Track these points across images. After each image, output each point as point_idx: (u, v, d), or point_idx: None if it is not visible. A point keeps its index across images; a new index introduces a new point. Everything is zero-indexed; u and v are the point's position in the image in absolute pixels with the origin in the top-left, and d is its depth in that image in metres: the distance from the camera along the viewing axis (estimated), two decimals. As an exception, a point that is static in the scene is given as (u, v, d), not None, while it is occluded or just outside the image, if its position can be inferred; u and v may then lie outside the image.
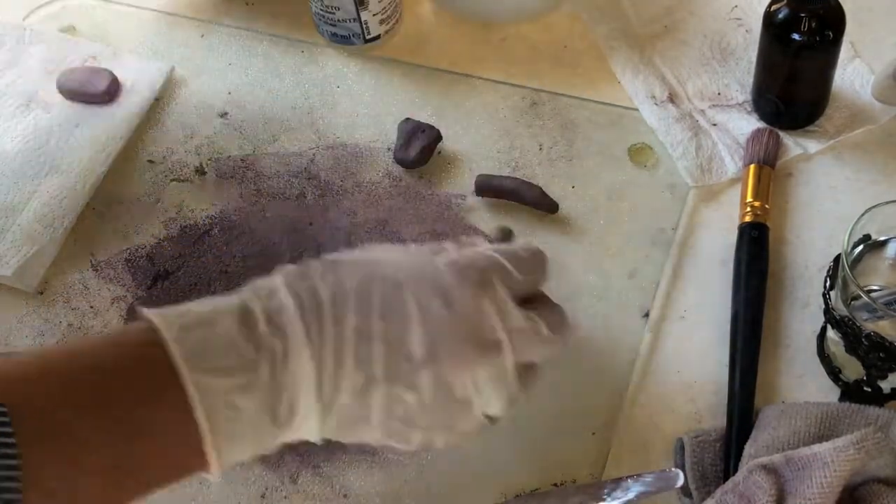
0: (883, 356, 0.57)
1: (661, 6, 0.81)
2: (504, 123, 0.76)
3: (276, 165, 0.75)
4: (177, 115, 0.79)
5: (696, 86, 0.76)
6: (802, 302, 0.65)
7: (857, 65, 0.75)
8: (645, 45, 0.78)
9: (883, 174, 0.70)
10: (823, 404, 0.59)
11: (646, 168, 0.72)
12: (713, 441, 0.59)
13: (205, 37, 0.83)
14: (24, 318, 0.70)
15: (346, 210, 0.72)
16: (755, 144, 0.70)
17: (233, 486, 0.62)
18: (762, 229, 0.67)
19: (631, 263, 0.68)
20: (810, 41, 0.66)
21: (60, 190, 0.74)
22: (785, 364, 0.63)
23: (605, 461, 0.61)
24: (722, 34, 0.78)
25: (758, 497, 0.53)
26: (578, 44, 0.80)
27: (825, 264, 0.61)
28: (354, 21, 0.78)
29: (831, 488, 0.52)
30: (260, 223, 0.72)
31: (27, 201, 0.74)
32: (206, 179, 0.75)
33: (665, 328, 0.65)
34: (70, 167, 0.75)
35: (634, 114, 0.75)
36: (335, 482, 0.62)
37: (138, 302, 0.69)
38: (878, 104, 0.72)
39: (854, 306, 0.58)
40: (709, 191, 0.71)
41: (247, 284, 0.51)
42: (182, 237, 0.73)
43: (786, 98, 0.71)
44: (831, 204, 0.69)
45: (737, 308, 0.64)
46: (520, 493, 0.60)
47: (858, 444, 0.52)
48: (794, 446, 0.56)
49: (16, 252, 0.71)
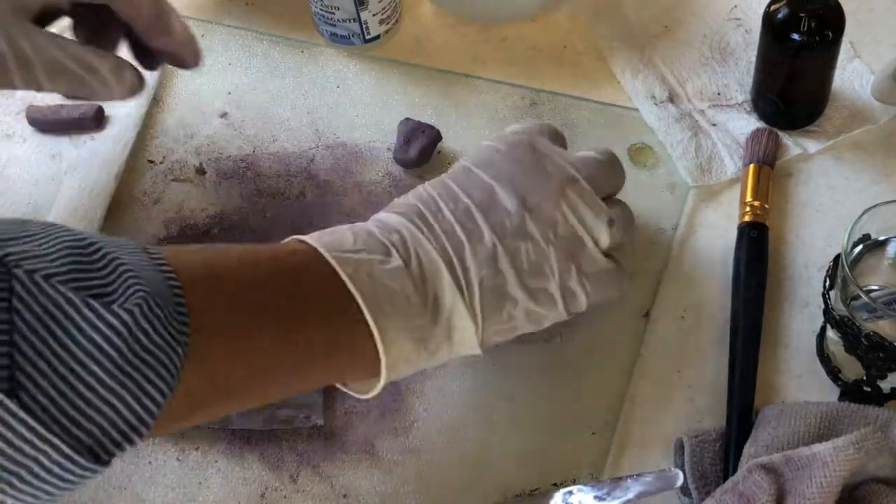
0: (882, 356, 0.57)
1: (661, 6, 0.81)
2: (504, 123, 0.76)
3: (276, 165, 0.75)
4: (177, 115, 0.79)
5: (696, 86, 0.76)
6: (802, 302, 0.65)
7: (857, 65, 0.75)
8: (645, 45, 0.78)
9: (883, 174, 0.70)
10: (823, 404, 0.59)
11: (646, 168, 0.72)
12: (713, 441, 0.60)
13: (205, 37, 0.83)
14: (25, 318, 0.70)
15: (346, 210, 0.72)
16: (755, 144, 0.70)
17: (233, 485, 0.62)
18: (762, 229, 0.67)
19: (631, 263, 0.68)
20: (810, 41, 0.66)
21: (85, 183, 0.75)
22: (785, 364, 0.63)
23: (605, 461, 0.61)
24: (722, 34, 0.78)
25: (757, 497, 0.53)
26: (578, 44, 0.80)
27: (825, 264, 0.61)
28: (354, 21, 0.78)
29: (831, 488, 0.52)
30: (260, 223, 0.72)
31: (53, 199, 0.74)
32: (206, 179, 0.75)
33: (665, 328, 0.65)
34: (89, 162, 0.76)
35: (634, 114, 0.75)
36: (335, 482, 0.62)
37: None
38: (877, 104, 0.72)
39: (854, 306, 0.58)
40: (708, 191, 0.71)
41: None
42: (182, 237, 0.73)
43: (785, 98, 0.71)
44: (831, 204, 0.69)
45: (737, 308, 0.64)
46: (520, 493, 0.60)
47: (858, 443, 0.52)
48: (793, 446, 0.56)
49: None
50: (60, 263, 0.43)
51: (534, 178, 0.57)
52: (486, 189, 0.57)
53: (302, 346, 0.51)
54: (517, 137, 0.60)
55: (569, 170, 0.58)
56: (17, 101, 0.80)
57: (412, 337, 0.53)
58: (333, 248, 0.53)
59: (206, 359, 0.47)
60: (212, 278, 0.49)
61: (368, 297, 0.51)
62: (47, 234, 0.44)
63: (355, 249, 0.53)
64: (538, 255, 0.56)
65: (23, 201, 0.75)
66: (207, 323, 0.47)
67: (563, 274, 0.56)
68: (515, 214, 0.56)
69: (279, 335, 0.50)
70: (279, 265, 0.52)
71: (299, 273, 0.52)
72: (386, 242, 0.54)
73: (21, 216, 0.73)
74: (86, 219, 0.73)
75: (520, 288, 0.55)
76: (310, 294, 0.52)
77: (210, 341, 0.47)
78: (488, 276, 0.54)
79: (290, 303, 0.51)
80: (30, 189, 0.75)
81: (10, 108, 0.80)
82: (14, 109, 0.80)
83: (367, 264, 0.52)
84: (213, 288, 0.49)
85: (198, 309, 0.47)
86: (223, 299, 0.49)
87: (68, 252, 0.43)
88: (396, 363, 0.53)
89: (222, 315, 0.48)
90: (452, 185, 0.57)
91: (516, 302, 0.55)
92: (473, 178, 0.58)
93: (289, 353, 0.51)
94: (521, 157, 0.58)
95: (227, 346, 0.48)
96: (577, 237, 0.57)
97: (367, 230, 0.55)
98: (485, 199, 0.56)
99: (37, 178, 0.76)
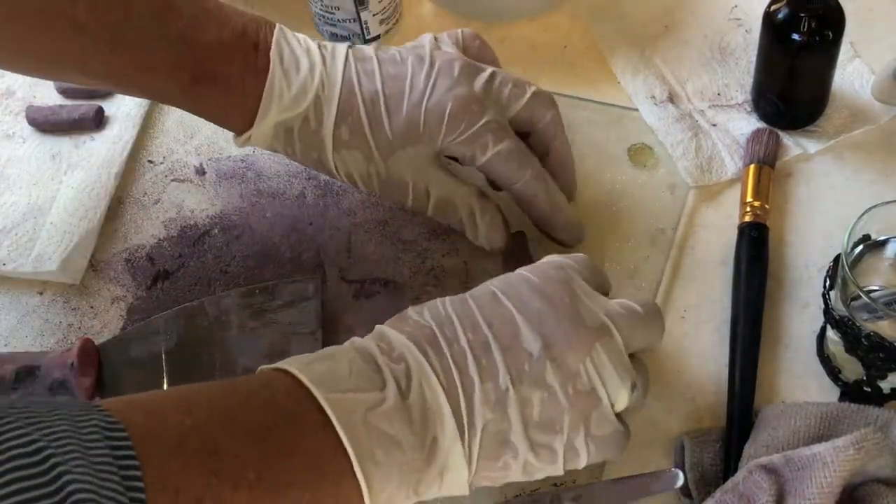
0: (883, 356, 0.57)
1: (661, 6, 0.81)
2: (504, 123, 0.76)
3: (276, 165, 0.75)
4: (177, 115, 0.79)
5: (696, 86, 0.76)
6: (802, 302, 0.65)
7: (857, 65, 0.75)
8: (645, 45, 0.78)
9: (883, 174, 0.70)
10: (823, 404, 0.59)
11: (646, 168, 0.72)
12: (713, 441, 0.59)
13: (205, 37, 0.82)
14: (24, 318, 0.70)
15: (346, 210, 0.72)
16: (755, 144, 0.70)
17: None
18: (762, 229, 0.67)
19: (631, 263, 0.68)
20: (810, 41, 0.66)
21: (86, 182, 0.75)
22: (785, 364, 0.63)
23: (605, 461, 0.61)
24: (722, 34, 0.78)
25: (757, 497, 0.53)
26: (578, 44, 0.80)
27: (825, 264, 0.61)
28: (354, 21, 0.78)
29: (831, 488, 0.52)
30: (260, 223, 0.72)
31: (53, 199, 0.74)
32: (205, 179, 0.75)
33: (665, 328, 0.65)
34: (89, 162, 0.76)
35: (634, 114, 0.75)
36: (335, 482, 0.62)
37: (138, 302, 0.70)
38: (878, 104, 0.72)
39: (854, 306, 0.57)
40: (709, 191, 0.71)
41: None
42: (182, 237, 0.73)
43: (786, 98, 0.71)
44: (831, 204, 0.69)
45: (737, 308, 0.64)
46: (520, 493, 0.60)
47: (858, 444, 0.52)
48: (793, 446, 0.56)
49: (55, 248, 0.71)
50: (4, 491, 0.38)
51: (564, 323, 0.52)
52: (510, 323, 0.52)
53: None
54: (554, 272, 0.55)
55: (604, 320, 0.53)
56: (18, 101, 0.80)
57: (402, 482, 0.49)
58: (326, 384, 0.48)
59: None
60: (177, 440, 0.44)
61: (361, 448, 0.47)
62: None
63: (350, 388, 0.48)
64: (552, 409, 0.51)
65: (23, 201, 0.75)
66: (170, 488, 0.42)
67: (572, 432, 0.52)
68: (537, 360, 0.51)
69: (258, 499, 0.45)
70: (258, 410, 0.47)
71: (284, 419, 0.47)
72: (387, 373, 0.50)
73: (21, 216, 0.73)
74: (86, 219, 0.73)
75: (524, 439, 0.51)
76: (297, 447, 0.47)
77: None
78: (493, 422, 0.50)
79: (273, 460, 0.46)
80: (30, 189, 0.75)
81: (10, 108, 0.80)
82: (14, 109, 0.80)
83: (361, 406, 0.48)
84: (176, 451, 0.43)
85: (157, 479, 0.41)
86: (192, 463, 0.43)
87: (15, 467, 0.38)
88: (380, 490, 0.49)
89: (191, 480, 0.43)
90: (475, 309, 0.53)
91: (517, 452, 0.51)
92: (499, 308, 0.53)
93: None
94: (553, 295, 0.53)
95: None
96: (596, 396, 0.52)
97: (366, 354, 0.51)
98: (506, 335, 0.52)
99: (37, 178, 0.76)
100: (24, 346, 0.69)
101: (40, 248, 0.72)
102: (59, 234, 0.72)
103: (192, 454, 0.43)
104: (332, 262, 0.70)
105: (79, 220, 0.73)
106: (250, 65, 0.61)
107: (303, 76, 0.62)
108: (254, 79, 0.61)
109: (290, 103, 0.62)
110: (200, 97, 0.62)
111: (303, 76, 0.62)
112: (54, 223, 0.73)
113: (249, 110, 0.62)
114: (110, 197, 0.74)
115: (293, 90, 0.61)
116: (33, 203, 0.74)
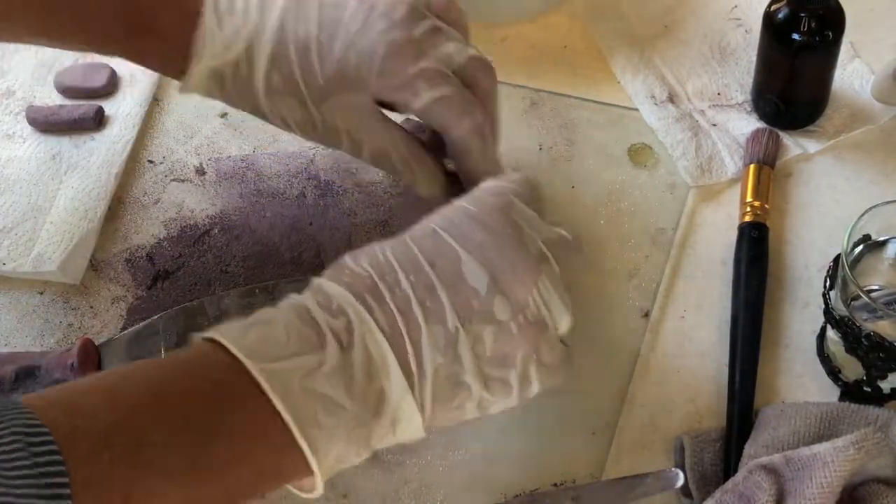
0: (883, 356, 0.57)
1: (661, 6, 0.81)
2: (504, 123, 0.75)
3: (276, 165, 0.75)
4: (177, 115, 0.79)
5: (696, 86, 0.76)
6: (802, 302, 0.65)
7: (857, 65, 0.75)
8: (645, 45, 0.78)
9: (883, 174, 0.70)
10: (823, 404, 0.59)
11: (646, 168, 0.72)
12: (713, 441, 0.60)
13: (205, 37, 0.82)
14: (24, 318, 0.70)
15: (346, 210, 0.72)
16: (755, 144, 0.70)
17: (233, 486, 0.62)
18: (762, 229, 0.67)
19: (631, 263, 0.68)
20: (810, 41, 0.66)
21: (85, 182, 0.75)
22: (785, 364, 0.63)
23: (605, 461, 0.61)
24: (722, 34, 0.78)
25: (757, 497, 0.53)
26: (578, 44, 0.80)
27: (825, 264, 0.61)
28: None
29: (831, 488, 0.52)
30: (260, 223, 0.72)
31: (52, 199, 0.74)
32: (206, 179, 0.75)
33: (665, 328, 0.65)
34: (89, 162, 0.76)
35: (634, 114, 0.75)
36: (335, 482, 0.62)
37: (138, 302, 0.70)
38: (878, 104, 0.72)
39: (854, 306, 0.58)
40: (709, 191, 0.71)
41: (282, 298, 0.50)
42: (182, 237, 0.73)
43: (786, 98, 0.71)
44: (831, 204, 0.69)
45: (737, 308, 0.64)
46: (520, 493, 0.60)
47: (858, 444, 0.52)
48: (793, 446, 0.56)
49: (55, 248, 0.71)
50: None
51: (508, 253, 0.51)
52: (453, 259, 0.50)
53: (222, 488, 0.45)
54: (493, 199, 0.53)
55: (541, 247, 0.52)
56: (18, 101, 0.80)
57: (350, 440, 0.47)
58: (260, 353, 0.46)
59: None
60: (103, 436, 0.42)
61: (301, 414, 0.45)
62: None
63: (286, 354, 0.46)
64: (504, 343, 0.50)
65: (23, 201, 0.75)
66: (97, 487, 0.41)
67: (524, 363, 0.50)
68: (485, 294, 0.49)
69: (194, 484, 0.44)
70: (190, 390, 0.45)
71: (218, 395, 0.46)
72: (326, 331, 0.48)
73: (21, 216, 0.73)
74: (86, 219, 0.73)
75: (477, 377, 0.49)
76: (234, 424, 0.45)
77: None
78: (444, 365, 0.49)
79: (207, 442, 0.44)
80: (30, 189, 0.75)
81: (10, 108, 0.80)
82: (14, 109, 0.80)
83: (299, 371, 0.46)
84: (102, 448, 0.41)
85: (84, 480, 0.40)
86: (119, 459, 0.42)
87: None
88: (332, 467, 0.48)
89: (118, 476, 0.41)
90: (415, 249, 0.51)
91: (471, 391, 0.50)
92: (440, 245, 0.51)
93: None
94: (495, 225, 0.51)
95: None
96: (544, 324, 0.51)
97: (303, 312, 0.49)
98: (450, 273, 0.50)
99: (37, 178, 0.76)
100: (24, 346, 0.69)
101: (40, 248, 0.72)
102: (58, 234, 0.72)
103: (118, 449, 0.42)
104: (332, 262, 0.69)
105: (79, 220, 0.73)
106: (186, 11, 0.59)
107: (236, 21, 0.59)
108: (189, 25, 0.59)
109: (222, 49, 0.59)
110: (139, 47, 0.61)
111: (236, 21, 0.59)
112: (54, 223, 0.73)
113: (186, 58, 0.60)
114: (110, 197, 0.74)
115: (225, 35, 0.59)
116: (33, 203, 0.74)
